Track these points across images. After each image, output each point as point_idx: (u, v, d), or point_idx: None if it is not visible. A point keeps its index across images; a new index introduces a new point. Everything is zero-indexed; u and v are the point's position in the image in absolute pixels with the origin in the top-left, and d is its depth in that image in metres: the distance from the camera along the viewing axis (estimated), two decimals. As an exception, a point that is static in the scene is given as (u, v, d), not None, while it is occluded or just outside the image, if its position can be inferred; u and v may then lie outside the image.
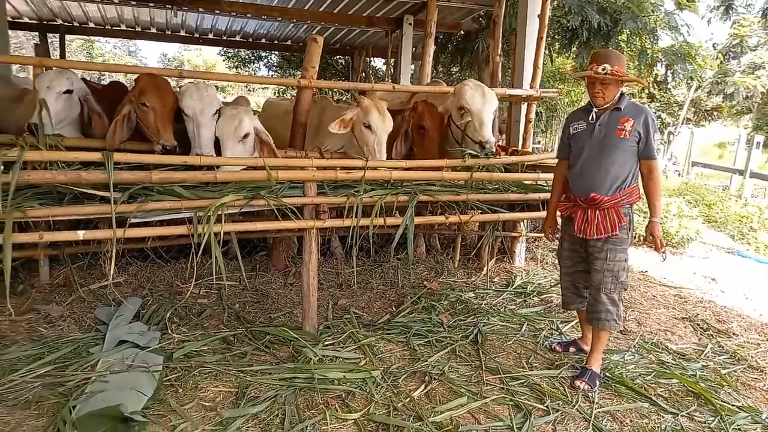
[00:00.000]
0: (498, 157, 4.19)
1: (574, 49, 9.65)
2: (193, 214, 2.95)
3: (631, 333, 3.84)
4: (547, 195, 4.06)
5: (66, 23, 10.44)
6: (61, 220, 2.94)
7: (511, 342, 3.58)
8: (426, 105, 4.25)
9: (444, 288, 4.53)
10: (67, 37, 11.52)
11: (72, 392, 2.65)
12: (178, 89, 3.78)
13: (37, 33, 11.00)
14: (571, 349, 3.47)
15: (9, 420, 2.45)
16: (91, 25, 10.68)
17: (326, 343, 3.41)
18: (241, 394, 2.76)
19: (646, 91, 14.75)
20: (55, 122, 3.31)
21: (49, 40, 11.83)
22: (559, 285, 3.45)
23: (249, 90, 22.99)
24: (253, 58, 17.12)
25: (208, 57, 29.85)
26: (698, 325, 4.08)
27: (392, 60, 10.16)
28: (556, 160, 3.41)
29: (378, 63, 15.26)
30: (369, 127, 3.86)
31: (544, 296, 4.47)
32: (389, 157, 3.98)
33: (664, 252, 3.09)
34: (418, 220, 3.68)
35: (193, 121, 3.55)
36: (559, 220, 3.41)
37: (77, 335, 3.33)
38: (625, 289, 3.31)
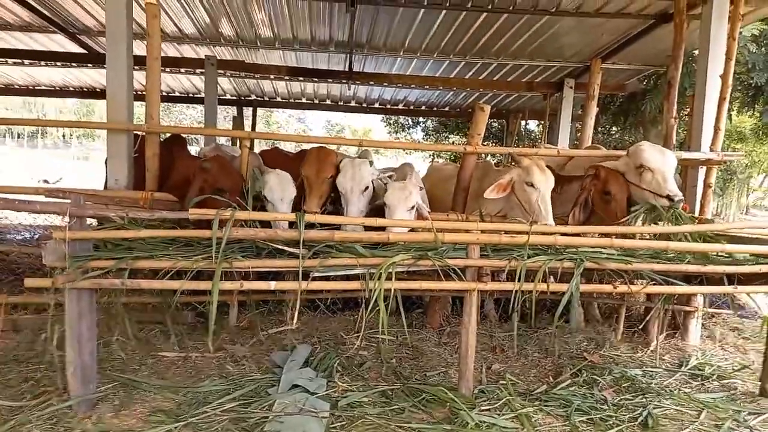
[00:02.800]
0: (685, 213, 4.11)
1: (758, 106, 8.79)
2: (366, 271, 3.21)
3: None
4: (732, 268, 3.70)
5: (258, 98, 12.16)
6: (254, 271, 3.38)
7: (687, 430, 3.24)
8: (608, 171, 4.28)
9: (606, 362, 4.26)
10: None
11: (253, 428, 2.95)
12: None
13: (234, 107, 12.93)
14: None
15: (204, 448, 2.80)
16: (278, 98, 12.29)
17: (482, 408, 3.38)
18: (401, 450, 2.85)
19: None
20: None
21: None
22: None
23: (406, 153, 24.24)
24: (411, 123, 18.14)
25: (367, 123, 32.21)
26: None
27: (547, 122, 10.11)
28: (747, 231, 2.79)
29: (531, 125, 15.21)
30: (531, 185, 3.95)
31: (725, 381, 3.98)
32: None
33: None
34: (583, 288, 3.56)
35: (344, 197, 4.02)
36: None
37: (257, 375, 3.70)
38: None
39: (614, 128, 12.53)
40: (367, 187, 4.03)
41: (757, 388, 3.84)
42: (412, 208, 3.79)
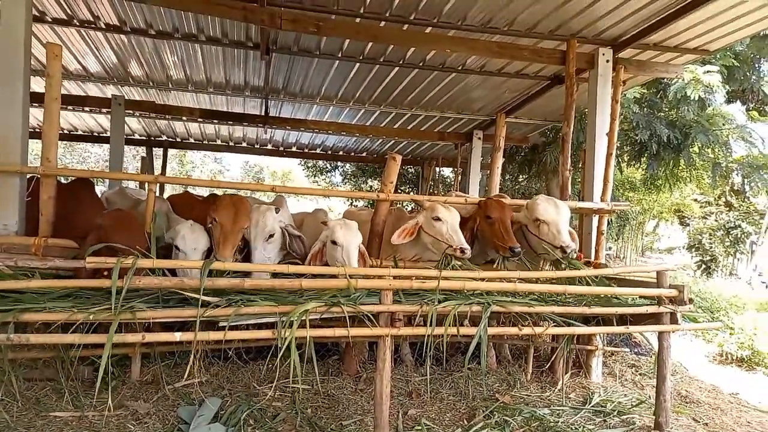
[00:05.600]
0: (579, 261, 4.45)
1: (644, 160, 9.73)
2: (278, 319, 3.14)
3: (725, 464, 3.53)
4: (622, 310, 4.00)
5: (170, 139, 11.79)
6: (159, 321, 3.21)
7: (591, 466, 3.39)
8: (489, 199, 4.70)
9: (517, 402, 4.39)
10: (166, 148, 12.91)
11: (155, 491, 2.75)
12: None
13: (144, 146, 12.44)
14: None
15: None
16: (191, 140, 11.98)
17: (397, 456, 3.37)
18: (314, 505, 2.75)
19: (723, 199, 14.32)
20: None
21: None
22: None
23: (325, 197, 24.31)
24: (329, 167, 18.29)
25: (286, 165, 31.97)
26: (804, 459, 3.70)
27: (460, 169, 10.62)
28: (637, 275, 3.11)
29: (446, 171, 15.85)
30: (439, 219, 4.25)
31: (625, 416, 4.22)
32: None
33: None
34: (491, 330, 3.70)
35: (250, 244, 4.03)
36: None
37: (161, 434, 3.48)
38: None
39: (521, 176, 13.34)
40: (272, 235, 4.05)
41: (653, 422, 4.10)
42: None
